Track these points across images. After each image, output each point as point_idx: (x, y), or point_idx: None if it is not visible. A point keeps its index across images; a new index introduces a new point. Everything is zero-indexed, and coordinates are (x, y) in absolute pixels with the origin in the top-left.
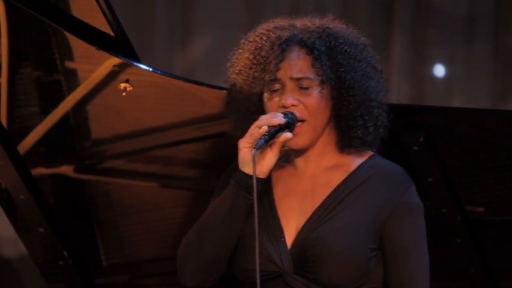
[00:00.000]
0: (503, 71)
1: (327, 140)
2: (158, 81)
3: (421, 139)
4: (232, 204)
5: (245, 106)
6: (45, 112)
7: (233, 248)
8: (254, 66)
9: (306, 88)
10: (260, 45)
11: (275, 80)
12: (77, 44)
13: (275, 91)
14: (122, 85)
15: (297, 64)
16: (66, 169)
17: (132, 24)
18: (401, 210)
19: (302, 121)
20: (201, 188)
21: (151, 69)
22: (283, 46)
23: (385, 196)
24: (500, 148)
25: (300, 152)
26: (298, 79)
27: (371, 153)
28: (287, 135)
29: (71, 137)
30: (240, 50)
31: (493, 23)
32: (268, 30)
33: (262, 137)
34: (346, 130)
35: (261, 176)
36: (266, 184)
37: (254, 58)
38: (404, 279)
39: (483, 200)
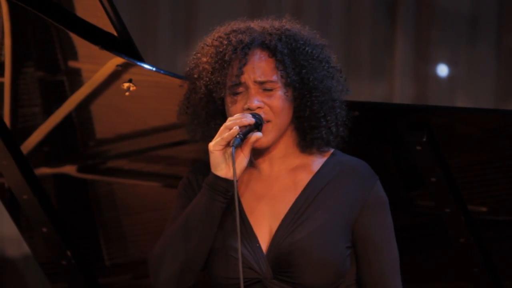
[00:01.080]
0: (506, 71)
1: (289, 141)
2: (161, 81)
3: (425, 139)
4: (206, 209)
5: (205, 111)
6: (48, 112)
7: (206, 254)
8: (216, 71)
9: (270, 90)
10: (221, 49)
11: (239, 84)
12: (80, 44)
13: (237, 93)
14: (126, 84)
15: (260, 67)
16: (69, 169)
17: (135, 23)
18: (370, 205)
19: (268, 121)
20: None
21: (154, 69)
22: (245, 50)
23: (354, 193)
24: (503, 148)
25: (264, 154)
26: (262, 83)
27: (332, 150)
28: (257, 134)
29: (74, 137)
30: (199, 55)
31: (496, 23)
32: (227, 34)
33: (237, 136)
34: (309, 131)
35: (233, 178)
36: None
37: (216, 62)
38: (376, 273)
39: (486, 200)
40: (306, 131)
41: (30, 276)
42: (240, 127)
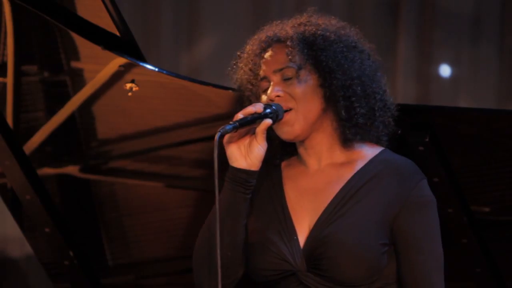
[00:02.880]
0: (508, 71)
1: (331, 136)
2: (164, 81)
3: (427, 139)
4: (229, 202)
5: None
6: (51, 112)
7: (241, 247)
8: (249, 73)
9: (290, 78)
10: (250, 52)
11: (263, 78)
12: (83, 44)
13: (266, 90)
14: (128, 85)
15: (276, 57)
16: (72, 169)
17: (138, 24)
18: (412, 204)
19: (290, 109)
20: (207, 188)
21: (156, 69)
22: (262, 45)
23: (395, 191)
24: (506, 148)
25: (309, 149)
26: (279, 70)
27: (382, 148)
28: (266, 121)
29: (77, 137)
30: (238, 62)
31: (499, 23)
32: (255, 39)
33: (231, 123)
34: (339, 117)
35: (253, 168)
36: (276, 184)
37: (246, 65)
38: (416, 273)
39: (489, 200)
40: (343, 123)
41: (33, 276)
42: (244, 115)
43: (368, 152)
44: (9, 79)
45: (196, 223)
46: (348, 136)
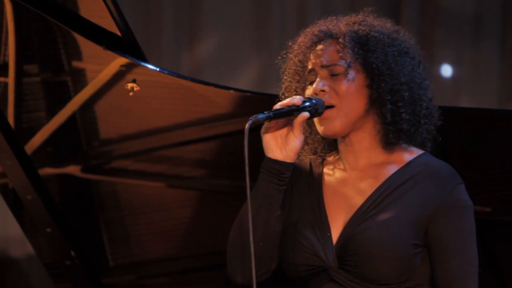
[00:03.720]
0: (510, 71)
1: (374, 136)
2: (165, 81)
3: None
4: (264, 192)
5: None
6: (52, 112)
7: (274, 239)
8: (298, 64)
9: (337, 74)
10: (301, 44)
11: (311, 71)
12: (84, 44)
13: (312, 82)
14: (129, 85)
15: (326, 51)
16: (73, 169)
17: (139, 24)
18: (447, 208)
19: (332, 106)
20: (208, 188)
21: (158, 69)
22: (314, 38)
23: (431, 193)
24: (507, 148)
25: (349, 146)
26: (327, 66)
27: (422, 151)
28: (303, 114)
29: (78, 137)
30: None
31: (500, 23)
32: (307, 31)
33: (266, 112)
34: (383, 120)
35: (288, 160)
36: (316, 179)
37: (295, 56)
38: (450, 277)
39: (490, 200)
40: (386, 127)
41: (34, 276)
42: (282, 107)
43: (407, 154)
44: (11, 79)
45: (197, 223)
46: (391, 140)
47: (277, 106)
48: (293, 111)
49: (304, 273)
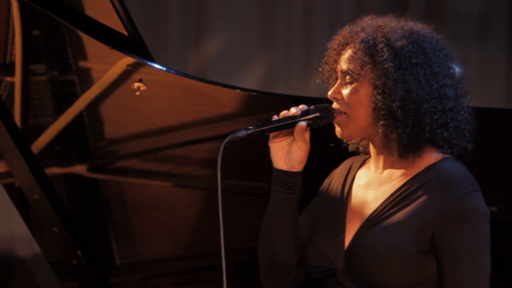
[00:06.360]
0: None
1: (390, 140)
2: (171, 81)
3: None
4: (274, 202)
5: None
6: (58, 112)
7: (292, 246)
8: (326, 59)
9: (351, 83)
10: (331, 45)
11: (336, 72)
12: (90, 44)
13: (334, 82)
14: (136, 84)
15: (347, 59)
16: (80, 169)
17: (145, 23)
18: (454, 216)
19: (343, 112)
20: (215, 187)
21: (164, 69)
22: (340, 41)
23: (438, 200)
24: None
25: (372, 149)
26: (344, 72)
27: (444, 156)
28: (300, 124)
29: (84, 137)
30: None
31: (507, 23)
32: (339, 32)
33: (251, 128)
34: (387, 133)
35: (293, 170)
36: (348, 180)
37: (325, 57)
38: (456, 285)
39: (497, 199)
40: (395, 140)
41: (41, 276)
42: (279, 118)
43: (428, 159)
44: (17, 79)
45: (203, 222)
46: (402, 154)
47: (274, 117)
48: (287, 124)
49: (317, 275)
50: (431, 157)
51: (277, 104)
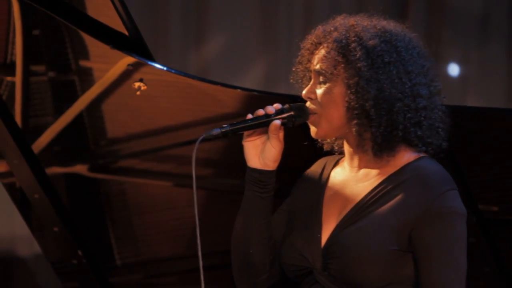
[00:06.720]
0: None
1: (364, 139)
2: (172, 80)
3: None
4: (247, 201)
5: None
6: (59, 111)
7: (266, 245)
8: (299, 59)
9: (324, 83)
10: (304, 45)
11: (310, 71)
12: (91, 43)
13: (310, 80)
14: (137, 84)
15: (320, 58)
16: (81, 168)
17: (146, 23)
18: (432, 214)
19: (315, 113)
20: (215, 187)
21: (165, 68)
22: (314, 40)
23: (416, 199)
24: None
25: (346, 148)
26: (317, 72)
27: (420, 155)
28: (274, 122)
29: (85, 136)
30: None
31: (508, 22)
32: (312, 31)
33: (225, 126)
34: (366, 129)
35: (267, 168)
36: (323, 180)
37: (298, 56)
38: (431, 282)
39: (498, 199)
40: (369, 139)
41: (41, 275)
42: (253, 117)
43: (405, 157)
44: (18, 78)
45: (204, 222)
46: (376, 153)
47: (249, 116)
48: (262, 122)
49: (294, 273)
50: (407, 156)
51: (278, 103)
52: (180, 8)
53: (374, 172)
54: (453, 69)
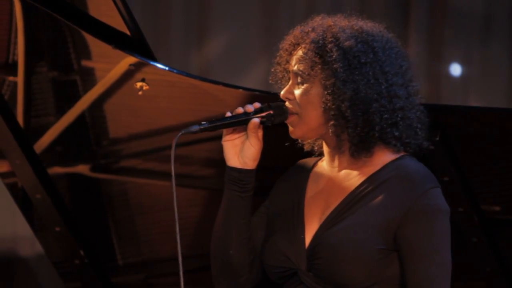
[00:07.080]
0: None
1: (342, 140)
2: (174, 80)
3: (438, 138)
4: (227, 200)
5: None
6: (61, 111)
7: (246, 245)
8: (278, 60)
9: (301, 83)
10: (282, 46)
11: (288, 72)
12: (93, 43)
13: (288, 83)
14: (138, 84)
15: (297, 59)
16: (82, 168)
17: (148, 23)
18: (417, 212)
19: (294, 113)
20: (217, 187)
21: (167, 68)
22: (292, 41)
23: (400, 197)
24: None
25: (326, 149)
26: (295, 73)
27: (401, 154)
28: (253, 120)
29: (87, 136)
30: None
31: (510, 22)
32: (290, 32)
33: (204, 123)
34: (338, 133)
35: (247, 167)
36: (302, 181)
37: (277, 57)
38: (417, 280)
39: (499, 199)
40: (347, 140)
41: (43, 275)
42: (232, 115)
43: (385, 157)
44: (20, 78)
45: (206, 222)
46: (353, 154)
47: (228, 114)
48: (241, 120)
49: (278, 275)
50: (385, 155)
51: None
52: (182, 8)
53: (354, 172)
54: (455, 69)
